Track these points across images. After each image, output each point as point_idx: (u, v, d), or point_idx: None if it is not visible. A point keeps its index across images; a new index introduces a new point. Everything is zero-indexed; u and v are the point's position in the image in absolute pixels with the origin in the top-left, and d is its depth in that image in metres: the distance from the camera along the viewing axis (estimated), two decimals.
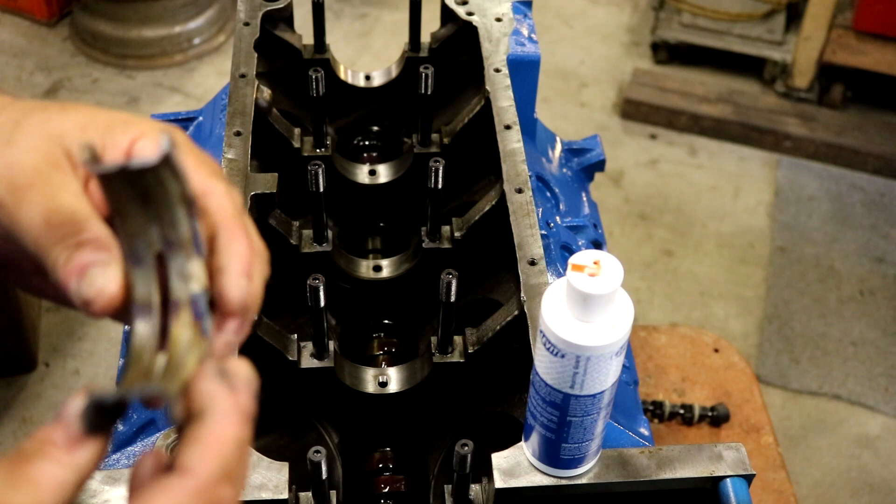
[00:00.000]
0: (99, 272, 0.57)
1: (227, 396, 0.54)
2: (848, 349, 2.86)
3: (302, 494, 1.02)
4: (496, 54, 1.47)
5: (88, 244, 0.58)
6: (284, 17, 1.55)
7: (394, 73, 1.60)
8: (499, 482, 0.95)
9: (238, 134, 1.30)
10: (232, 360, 0.57)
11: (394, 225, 1.54)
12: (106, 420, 0.54)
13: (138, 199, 0.57)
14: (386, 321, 1.42)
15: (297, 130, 1.47)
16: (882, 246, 3.17)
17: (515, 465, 0.96)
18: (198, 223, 0.57)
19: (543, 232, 1.28)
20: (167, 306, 0.58)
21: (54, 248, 0.58)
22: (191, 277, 0.58)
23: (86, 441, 0.52)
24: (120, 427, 1.22)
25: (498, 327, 1.16)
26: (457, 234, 1.32)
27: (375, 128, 1.64)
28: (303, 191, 1.27)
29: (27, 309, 2.57)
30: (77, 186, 0.60)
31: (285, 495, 0.93)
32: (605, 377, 0.87)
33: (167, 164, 0.55)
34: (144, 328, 0.58)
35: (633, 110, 3.57)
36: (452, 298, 1.13)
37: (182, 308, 0.58)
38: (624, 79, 3.72)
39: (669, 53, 3.80)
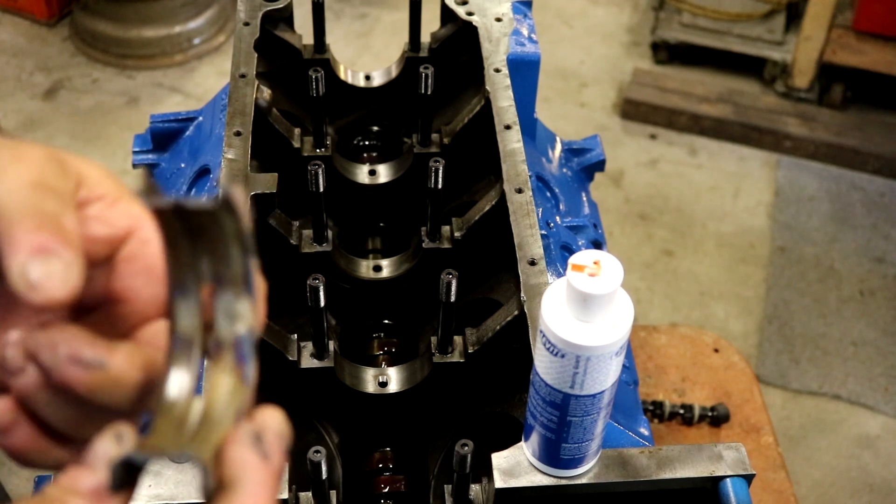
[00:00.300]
0: (59, 261, 0.50)
1: (261, 467, 0.51)
2: (848, 349, 2.86)
3: (302, 494, 1.02)
4: (496, 54, 1.47)
5: (61, 234, 0.51)
6: (284, 17, 1.55)
7: (394, 73, 1.60)
8: (499, 482, 0.95)
9: (238, 134, 1.30)
10: (265, 414, 0.53)
11: (394, 225, 1.54)
12: (134, 473, 0.52)
13: (191, 232, 0.54)
14: (386, 321, 1.42)
15: (297, 130, 1.47)
16: (882, 246, 3.17)
17: (515, 465, 0.96)
18: (251, 262, 0.54)
19: (543, 232, 1.28)
20: (209, 345, 0.55)
21: (22, 220, 0.50)
22: (239, 317, 0.54)
23: (113, 497, 0.51)
24: None
25: (498, 327, 1.16)
26: (457, 234, 1.32)
27: (375, 128, 1.64)
28: (303, 191, 1.27)
29: None
30: (71, 187, 0.55)
31: (285, 495, 0.93)
32: (605, 377, 0.87)
33: (226, 206, 0.52)
34: (182, 369, 0.55)
35: (633, 110, 3.57)
36: (452, 298, 1.13)
37: (225, 350, 0.54)
38: (624, 79, 3.72)
39: (669, 53, 3.80)
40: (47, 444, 0.56)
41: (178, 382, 0.55)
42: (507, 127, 1.34)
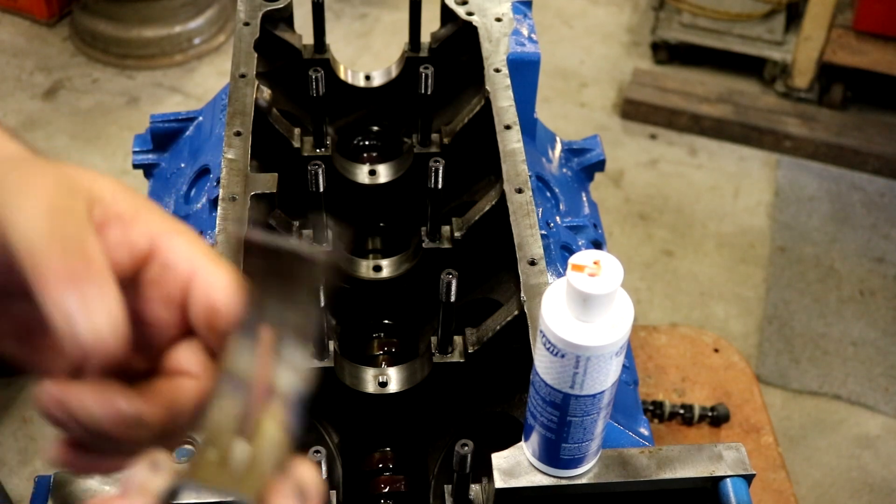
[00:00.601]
0: (100, 299, 0.48)
1: None
2: (848, 349, 2.86)
3: None
4: (496, 54, 1.47)
5: (95, 268, 0.49)
6: (284, 17, 1.55)
7: (394, 73, 1.60)
8: (499, 482, 0.95)
9: (238, 134, 1.30)
10: (304, 469, 0.54)
11: (394, 225, 1.54)
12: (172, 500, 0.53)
13: (278, 274, 0.54)
14: (386, 321, 1.42)
15: (297, 130, 1.47)
16: (882, 246, 3.17)
17: (515, 465, 0.96)
18: (319, 318, 0.55)
19: (543, 232, 1.28)
20: (259, 390, 0.55)
21: (49, 251, 0.48)
22: (297, 369, 0.55)
23: None
24: None
25: (498, 327, 1.16)
26: (457, 234, 1.32)
27: (375, 128, 1.64)
28: (303, 191, 1.27)
29: None
30: (89, 223, 0.52)
31: None
32: (605, 377, 0.87)
33: (317, 257, 0.53)
34: (230, 405, 0.54)
35: (633, 110, 3.57)
36: (452, 298, 1.13)
37: (277, 398, 0.55)
38: (624, 79, 3.72)
39: (669, 53, 3.80)
40: (87, 461, 0.55)
41: (223, 419, 0.54)
42: (507, 127, 1.34)
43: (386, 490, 1.24)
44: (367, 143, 1.64)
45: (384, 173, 1.48)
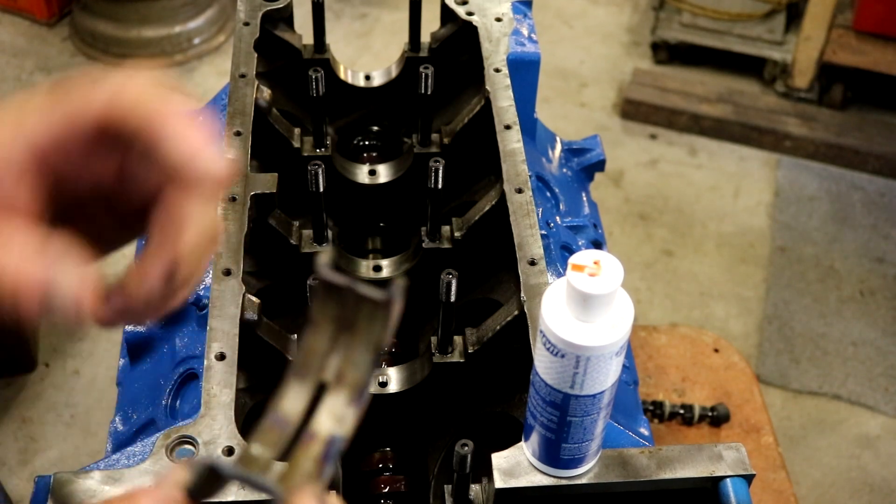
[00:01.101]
0: (216, 150, 0.61)
1: None
2: (848, 349, 2.86)
3: None
4: (496, 54, 1.47)
5: (204, 133, 0.62)
6: (284, 17, 1.55)
7: (394, 73, 1.60)
8: (499, 482, 0.95)
9: (238, 134, 1.30)
10: (331, 497, 0.56)
11: (394, 225, 1.54)
12: (212, 487, 0.54)
13: (339, 321, 0.56)
14: None
15: (297, 130, 1.47)
16: (882, 246, 3.17)
17: (515, 465, 0.96)
18: (373, 376, 0.57)
19: (543, 232, 1.28)
20: (301, 432, 0.57)
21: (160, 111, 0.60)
22: (343, 422, 0.56)
23: None
24: (119, 427, 1.22)
25: (498, 327, 1.16)
26: (457, 234, 1.32)
27: (375, 128, 1.64)
28: (303, 191, 1.27)
29: None
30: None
31: None
32: (605, 377, 0.87)
33: (386, 307, 0.55)
34: (272, 438, 0.56)
35: (633, 110, 3.57)
36: (452, 298, 1.13)
37: (317, 442, 0.56)
38: (624, 79, 3.72)
39: (669, 53, 3.80)
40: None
41: (265, 443, 0.56)
42: (507, 127, 1.34)
43: (386, 490, 1.24)
44: (367, 143, 1.64)
45: (384, 173, 1.48)
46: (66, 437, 2.54)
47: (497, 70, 1.44)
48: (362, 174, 1.48)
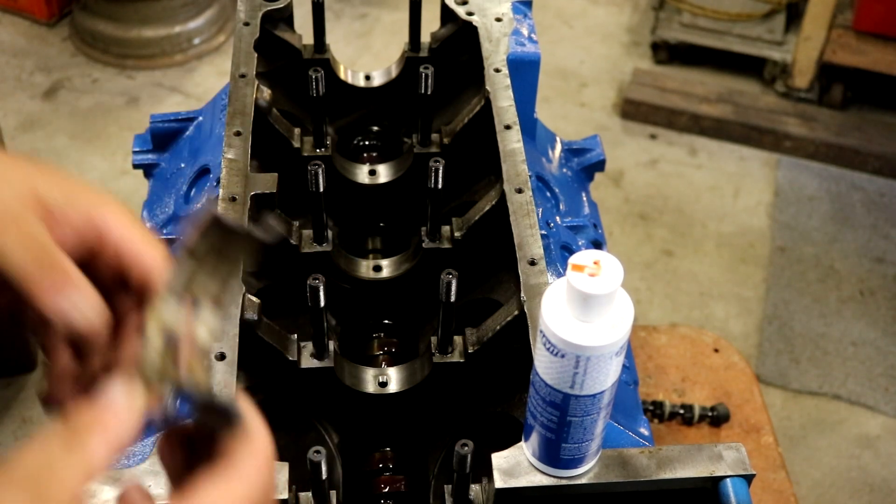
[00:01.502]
0: (79, 296, 0.62)
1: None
2: (848, 349, 2.86)
3: (302, 494, 1.02)
4: (496, 54, 1.47)
5: (69, 275, 0.62)
6: (284, 17, 1.55)
7: (394, 73, 1.60)
8: (499, 482, 0.95)
9: (238, 134, 1.30)
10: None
11: (394, 225, 1.54)
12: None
13: (214, 250, 0.64)
14: (386, 321, 1.42)
15: (297, 130, 1.47)
16: (882, 246, 3.17)
17: (515, 465, 0.96)
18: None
19: (543, 232, 1.28)
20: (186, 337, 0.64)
21: (35, 272, 0.62)
22: (213, 331, 0.65)
23: None
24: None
25: (498, 327, 1.16)
26: (457, 234, 1.32)
27: (375, 128, 1.64)
28: (303, 191, 1.27)
29: None
30: (44, 228, 0.64)
31: (285, 495, 0.93)
32: (605, 377, 0.87)
33: (252, 239, 0.63)
34: (161, 345, 0.63)
35: (633, 110, 3.57)
36: (452, 298, 1.13)
37: (198, 348, 0.64)
38: (624, 79, 3.72)
39: (669, 53, 3.80)
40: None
41: (155, 355, 0.63)
42: (507, 127, 1.34)
43: (386, 490, 1.24)
44: (367, 143, 1.64)
45: (384, 173, 1.48)
46: None
47: (497, 70, 1.44)
48: (362, 174, 1.48)
